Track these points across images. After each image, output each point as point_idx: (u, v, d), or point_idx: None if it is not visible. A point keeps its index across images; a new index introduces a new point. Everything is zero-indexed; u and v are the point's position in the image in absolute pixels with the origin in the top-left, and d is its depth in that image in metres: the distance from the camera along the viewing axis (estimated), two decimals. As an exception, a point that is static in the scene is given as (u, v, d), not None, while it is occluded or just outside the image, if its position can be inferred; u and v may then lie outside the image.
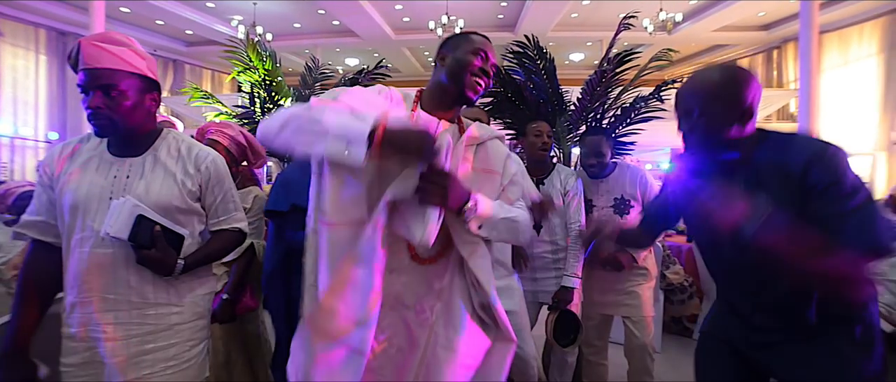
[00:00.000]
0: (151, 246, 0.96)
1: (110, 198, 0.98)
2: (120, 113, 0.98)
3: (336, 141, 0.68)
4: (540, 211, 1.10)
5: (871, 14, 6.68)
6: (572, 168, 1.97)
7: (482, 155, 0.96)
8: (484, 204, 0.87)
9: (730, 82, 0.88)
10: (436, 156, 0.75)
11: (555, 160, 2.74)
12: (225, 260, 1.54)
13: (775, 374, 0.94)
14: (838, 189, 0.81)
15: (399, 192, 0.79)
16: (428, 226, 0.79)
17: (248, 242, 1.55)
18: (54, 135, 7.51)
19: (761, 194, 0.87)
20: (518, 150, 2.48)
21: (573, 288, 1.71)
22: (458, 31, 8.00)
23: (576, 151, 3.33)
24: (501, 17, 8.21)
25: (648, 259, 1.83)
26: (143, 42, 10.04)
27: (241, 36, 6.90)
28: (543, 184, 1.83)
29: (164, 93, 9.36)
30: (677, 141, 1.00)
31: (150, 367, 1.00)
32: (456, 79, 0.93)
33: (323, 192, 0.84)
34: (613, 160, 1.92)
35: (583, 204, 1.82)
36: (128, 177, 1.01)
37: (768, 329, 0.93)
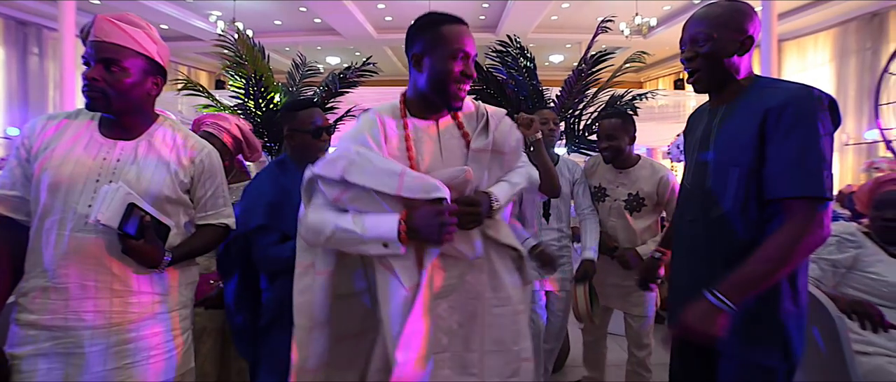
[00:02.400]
0: (140, 237, 0.92)
1: (97, 181, 0.93)
2: (117, 89, 0.94)
3: (375, 244, 0.84)
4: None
5: (824, 25, 7.18)
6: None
7: (494, 140, 0.97)
8: (501, 195, 0.94)
9: (735, 11, 0.95)
10: (463, 193, 0.88)
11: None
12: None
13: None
14: (793, 135, 0.84)
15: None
16: (475, 243, 0.91)
17: None
18: (14, 131, 7.13)
19: (731, 124, 0.93)
20: None
21: (594, 259, 1.70)
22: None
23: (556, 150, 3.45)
24: (483, 18, 8.35)
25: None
26: (116, 35, 9.70)
27: (220, 32, 6.79)
28: None
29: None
30: (653, 141, 1.09)
31: (132, 356, 0.96)
32: (438, 90, 0.91)
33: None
34: (639, 154, 1.82)
35: (588, 190, 1.83)
36: (118, 160, 0.96)
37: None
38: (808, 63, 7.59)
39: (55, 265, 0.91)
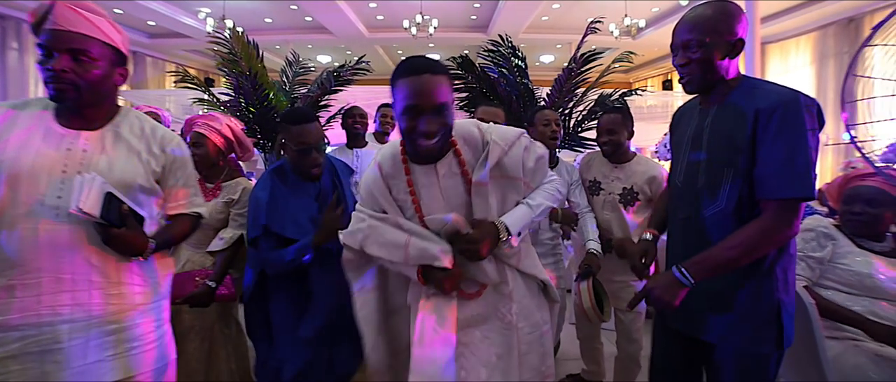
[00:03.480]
0: (120, 226, 0.91)
1: (64, 172, 0.91)
2: (87, 80, 0.91)
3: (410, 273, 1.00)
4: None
5: (805, 29, 7.40)
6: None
7: (502, 166, 0.97)
8: (514, 222, 0.95)
9: (724, 15, 0.95)
10: (458, 233, 0.94)
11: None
12: (212, 249, 1.54)
13: (688, 328, 1.06)
14: (781, 138, 0.87)
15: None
16: (487, 271, 0.98)
17: (237, 233, 1.56)
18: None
19: (723, 126, 0.96)
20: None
21: (598, 253, 1.69)
22: (431, 30, 7.88)
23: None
24: (474, 18, 8.38)
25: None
26: (101, 31, 9.31)
27: (209, 30, 6.70)
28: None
29: (124, 87, 8.85)
30: (641, 140, 1.14)
31: (114, 348, 0.94)
32: (409, 144, 0.94)
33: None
34: (634, 151, 1.88)
35: (584, 190, 1.85)
36: (85, 151, 0.94)
37: (700, 295, 1.00)
38: (791, 65, 7.80)
39: (23, 260, 0.87)
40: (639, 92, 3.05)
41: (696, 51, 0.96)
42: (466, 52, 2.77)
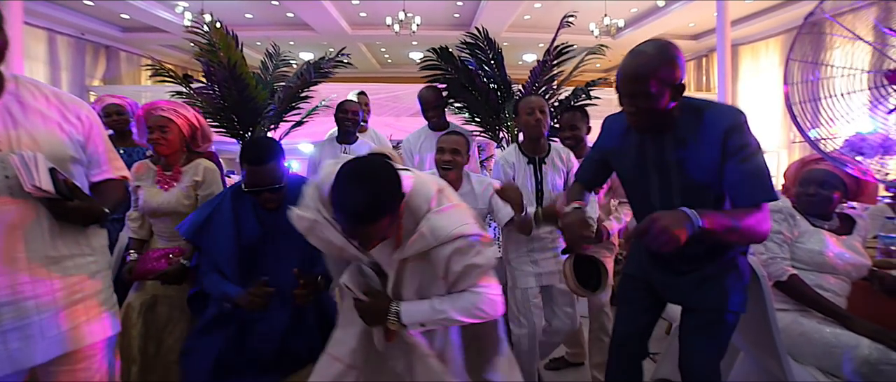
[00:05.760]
0: (72, 199, 0.91)
1: None
2: None
3: None
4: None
5: (774, 32, 7.73)
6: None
7: (428, 257, 0.97)
8: (411, 314, 0.96)
9: (664, 64, 0.98)
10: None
11: (504, 143, 2.96)
12: None
13: (676, 300, 1.20)
14: (745, 152, 0.99)
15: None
16: (377, 337, 1.03)
17: None
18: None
19: (690, 152, 1.04)
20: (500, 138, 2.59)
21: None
22: (414, 28, 7.83)
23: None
24: (457, 15, 8.45)
25: (613, 234, 1.96)
26: (70, 24, 8.75)
27: (187, 23, 6.54)
28: (545, 163, 1.80)
29: (96, 82, 8.57)
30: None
31: (85, 314, 0.96)
32: None
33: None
34: (589, 146, 1.93)
35: None
36: None
37: (676, 266, 1.14)
38: (761, 66, 8.13)
39: None
40: (609, 79, 3.15)
41: (642, 101, 1.01)
42: (450, 48, 2.82)
